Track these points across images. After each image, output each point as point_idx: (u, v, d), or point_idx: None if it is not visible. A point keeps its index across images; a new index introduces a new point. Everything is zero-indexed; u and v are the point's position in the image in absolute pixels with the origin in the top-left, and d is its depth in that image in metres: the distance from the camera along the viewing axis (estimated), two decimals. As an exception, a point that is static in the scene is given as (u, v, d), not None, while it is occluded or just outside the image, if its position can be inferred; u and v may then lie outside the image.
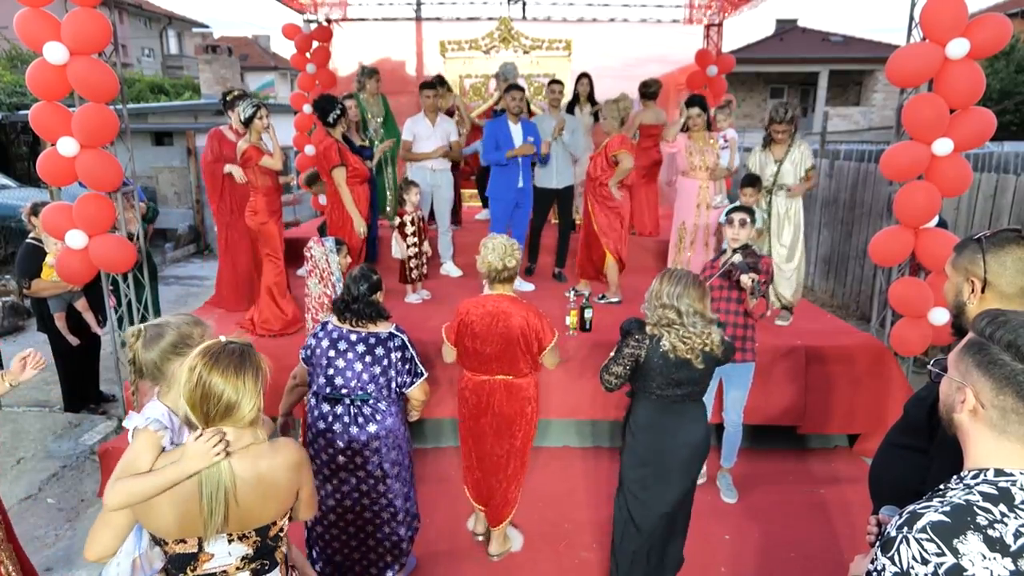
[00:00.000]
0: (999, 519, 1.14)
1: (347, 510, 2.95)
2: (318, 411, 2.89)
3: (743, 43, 24.03)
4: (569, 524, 3.76)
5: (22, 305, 7.14)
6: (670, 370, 2.67)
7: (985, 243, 1.70)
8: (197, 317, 2.07)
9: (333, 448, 2.86)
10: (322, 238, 3.98)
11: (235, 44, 24.01)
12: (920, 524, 1.17)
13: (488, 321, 3.06)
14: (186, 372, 1.66)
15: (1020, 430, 1.21)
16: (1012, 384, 1.20)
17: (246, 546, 1.77)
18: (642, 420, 2.81)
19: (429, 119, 5.90)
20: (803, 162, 4.89)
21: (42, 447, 4.53)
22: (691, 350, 2.64)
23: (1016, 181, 5.82)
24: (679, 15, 8.38)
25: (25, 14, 3.74)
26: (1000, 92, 16.43)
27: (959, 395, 1.28)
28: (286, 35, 7.86)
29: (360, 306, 2.85)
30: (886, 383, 4.45)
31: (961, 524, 1.15)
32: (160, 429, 1.82)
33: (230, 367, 1.66)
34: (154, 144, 12.44)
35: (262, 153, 4.47)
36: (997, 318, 1.26)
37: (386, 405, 2.89)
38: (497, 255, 3.07)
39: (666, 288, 2.68)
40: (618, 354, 2.76)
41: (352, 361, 2.83)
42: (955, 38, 3.74)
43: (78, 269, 4.11)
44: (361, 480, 2.90)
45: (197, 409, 1.66)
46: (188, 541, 1.73)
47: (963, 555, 1.12)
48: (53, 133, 3.88)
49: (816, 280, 8.78)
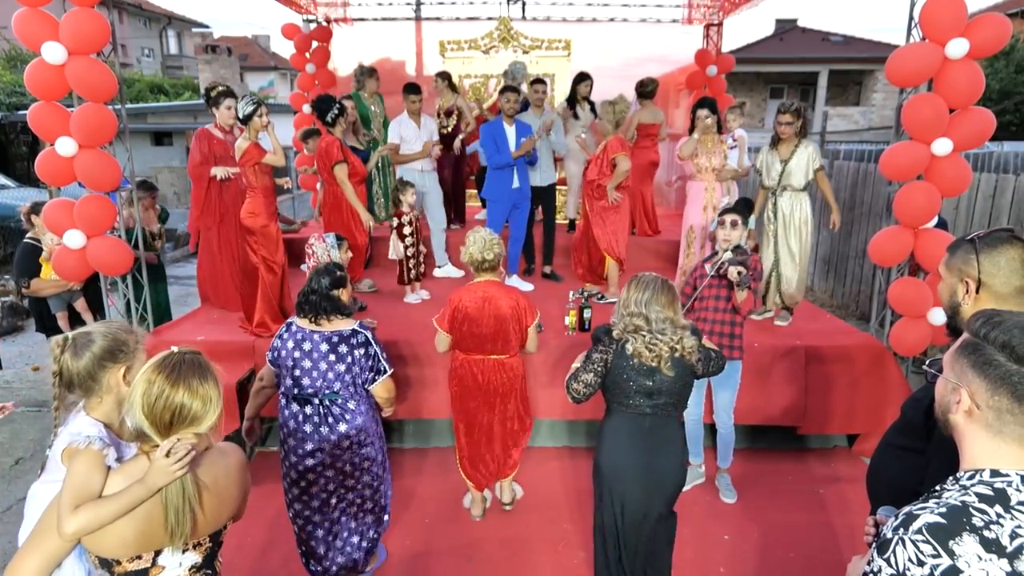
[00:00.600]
0: (995, 520, 1.14)
1: (319, 507, 2.98)
2: (288, 411, 2.91)
3: (743, 43, 24.01)
4: (568, 524, 3.76)
5: (21, 305, 7.14)
6: (638, 377, 2.55)
7: (979, 244, 1.70)
8: (128, 324, 2.01)
9: (304, 448, 2.88)
10: (325, 234, 3.98)
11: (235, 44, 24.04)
12: (916, 525, 1.17)
13: (480, 304, 3.30)
14: (142, 386, 1.59)
15: (1016, 431, 1.20)
16: (1007, 385, 1.20)
17: (198, 554, 1.74)
18: (608, 433, 2.66)
19: (414, 121, 5.92)
20: (811, 163, 4.77)
21: (41, 448, 4.52)
22: (657, 357, 2.51)
23: (1015, 181, 5.82)
24: (679, 15, 8.37)
25: (23, 14, 3.74)
26: (999, 92, 16.44)
27: (954, 396, 1.27)
28: (286, 35, 7.87)
29: (318, 299, 2.86)
30: (885, 383, 4.45)
31: (957, 525, 1.14)
32: (103, 448, 1.72)
33: (193, 378, 1.62)
34: (153, 144, 12.48)
35: (263, 151, 4.33)
36: (992, 319, 1.25)
37: (355, 404, 2.91)
38: (478, 248, 3.33)
39: (634, 295, 2.58)
40: (587, 360, 2.66)
41: (317, 361, 2.84)
42: (955, 38, 3.74)
43: (74, 267, 4.12)
44: (330, 480, 2.93)
45: (158, 422, 1.59)
46: (144, 556, 1.67)
47: (959, 556, 1.12)
48: (52, 133, 3.88)
49: (816, 280, 8.78)
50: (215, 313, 5.21)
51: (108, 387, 1.84)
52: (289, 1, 7.56)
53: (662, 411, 2.59)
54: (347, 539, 3.08)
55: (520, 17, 8.48)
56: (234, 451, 1.83)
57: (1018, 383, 1.19)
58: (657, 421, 2.60)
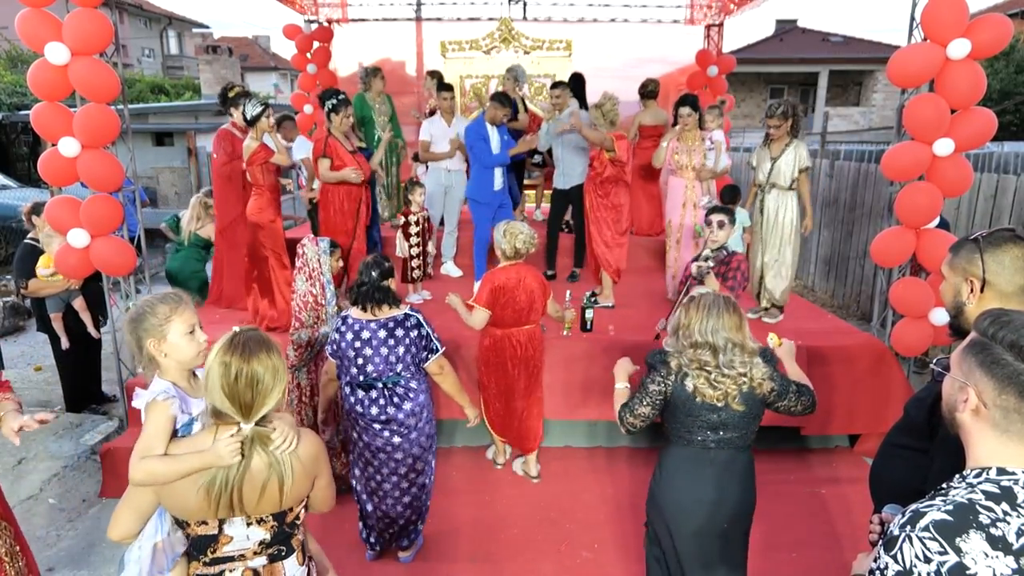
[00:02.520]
0: (1001, 518, 1.15)
1: (391, 489, 3.22)
2: (354, 398, 3.14)
3: (743, 43, 24.05)
4: (571, 524, 3.77)
5: (23, 305, 7.14)
6: (702, 412, 2.28)
7: (983, 243, 1.70)
8: (171, 294, 2.04)
9: (372, 430, 3.12)
10: (317, 238, 3.95)
11: (235, 44, 24.04)
12: (923, 523, 1.17)
13: (516, 282, 3.83)
14: (218, 368, 1.67)
15: (1022, 429, 1.21)
16: (1015, 384, 1.20)
17: (264, 530, 1.78)
18: (668, 466, 2.41)
19: (445, 120, 5.93)
20: (797, 162, 4.80)
21: (43, 447, 4.52)
22: (724, 395, 2.25)
23: (1017, 181, 5.82)
24: (679, 15, 8.38)
25: (27, 14, 3.75)
26: (1000, 92, 16.43)
27: (961, 395, 1.28)
28: (287, 35, 7.87)
29: (370, 290, 3.09)
30: (887, 383, 4.45)
31: (964, 523, 1.15)
32: (168, 398, 1.85)
33: (261, 352, 1.70)
34: (155, 144, 12.48)
35: (271, 151, 4.56)
36: (1000, 318, 1.26)
37: (416, 383, 3.18)
38: (522, 241, 3.83)
39: (697, 323, 2.27)
40: (643, 391, 2.38)
41: (378, 347, 3.07)
42: (956, 38, 3.74)
43: (75, 265, 4.13)
44: (399, 462, 3.18)
45: (239, 400, 1.68)
46: (209, 523, 1.75)
47: (965, 553, 1.12)
48: (54, 133, 3.89)
49: (817, 280, 8.79)
50: (218, 313, 5.23)
51: (149, 355, 1.95)
52: (290, 1, 7.57)
53: (728, 445, 2.35)
54: (408, 515, 3.32)
55: (521, 17, 8.49)
56: (308, 439, 1.83)
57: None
58: (724, 455, 2.36)
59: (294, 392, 3.76)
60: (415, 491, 3.30)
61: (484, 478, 4.25)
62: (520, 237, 3.81)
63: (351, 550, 3.46)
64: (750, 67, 22.11)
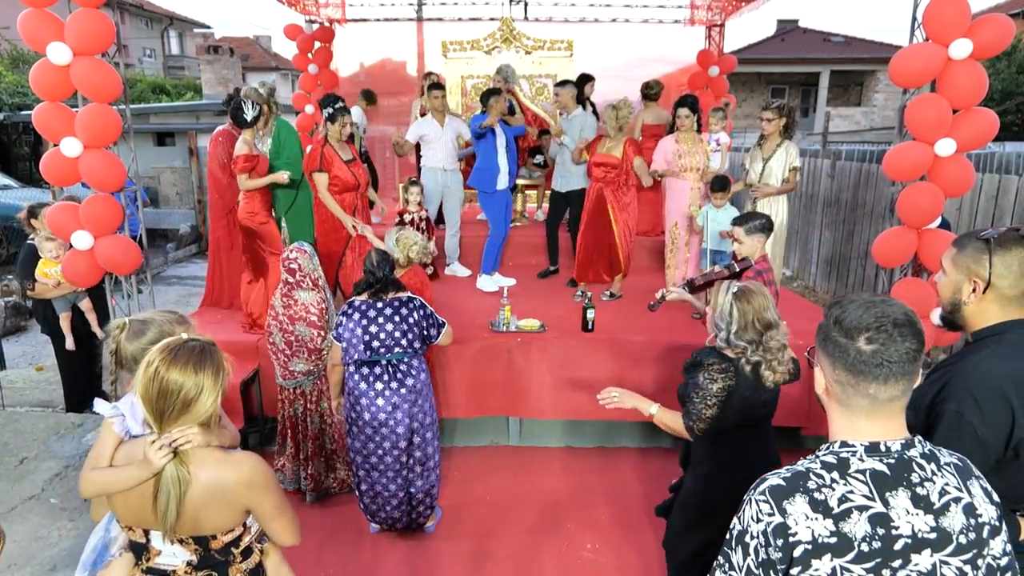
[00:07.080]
0: (828, 484, 1.22)
1: (392, 463, 3.34)
2: (358, 375, 3.30)
3: (744, 43, 24.03)
4: (571, 524, 3.77)
5: (24, 305, 7.15)
6: (753, 395, 2.36)
7: (993, 244, 1.67)
8: (182, 315, 2.00)
9: (376, 405, 3.27)
10: (300, 245, 3.82)
11: (236, 44, 24.01)
12: (762, 487, 1.26)
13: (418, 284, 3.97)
14: (143, 367, 1.62)
15: (859, 402, 1.27)
16: (841, 358, 1.27)
17: (187, 551, 1.74)
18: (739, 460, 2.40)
19: (437, 120, 5.81)
20: (787, 161, 4.80)
21: (45, 447, 4.53)
22: (785, 373, 2.35)
23: (1018, 182, 5.81)
24: (681, 16, 8.37)
25: (29, 15, 3.75)
26: (1002, 92, 16.44)
27: (815, 376, 1.37)
28: (288, 36, 7.87)
29: (384, 281, 3.34)
30: (888, 383, 4.44)
31: (793, 487, 1.23)
32: (112, 416, 1.81)
33: (189, 363, 1.62)
34: (156, 144, 12.47)
35: (254, 159, 4.55)
36: (838, 301, 1.34)
37: (418, 362, 3.38)
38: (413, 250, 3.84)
39: (756, 309, 2.31)
40: (705, 394, 2.35)
41: (384, 324, 3.28)
42: (958, 38, 3.74)
43: (84, 271, 4.10)
44: (400, 437, 3.31)
45: (151, 405, 1.62)
46: (135, 530, 1.74)
47: (789, 515, 1.20)
48: (56, 133, 3.89)
49: (818, 280, 8.78)
50: (219, 314, 5.23)
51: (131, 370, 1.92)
52: (291, 1, 7.57)
53: (765, 419, 2.50)
54: (417, 488, 3.44)
55: (522, 18, 8.47)
56: (245, 466, 1.72)
57: (851, 355, 1.25)
58: (763, 430, 2.51)
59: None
60: (415, 466, 3.42)
61: (484, 478, 4.26)
62: (414, 248, 3.85)
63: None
64: (751, 67, 22.10)
